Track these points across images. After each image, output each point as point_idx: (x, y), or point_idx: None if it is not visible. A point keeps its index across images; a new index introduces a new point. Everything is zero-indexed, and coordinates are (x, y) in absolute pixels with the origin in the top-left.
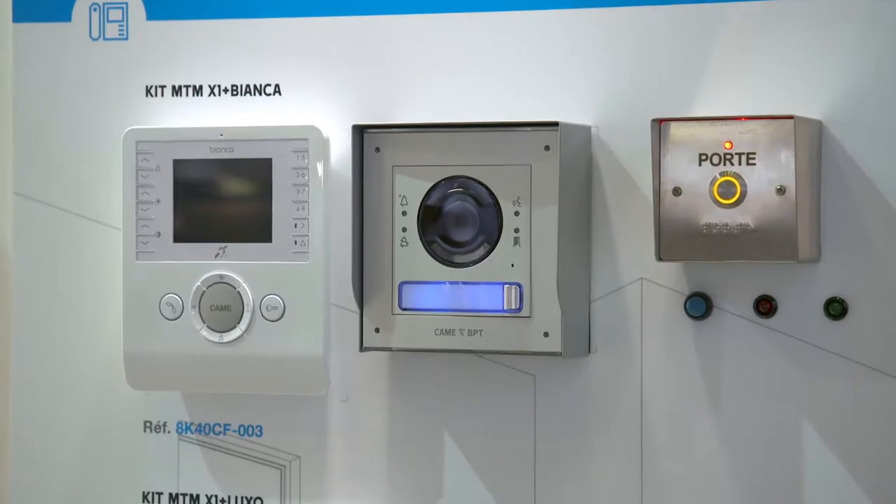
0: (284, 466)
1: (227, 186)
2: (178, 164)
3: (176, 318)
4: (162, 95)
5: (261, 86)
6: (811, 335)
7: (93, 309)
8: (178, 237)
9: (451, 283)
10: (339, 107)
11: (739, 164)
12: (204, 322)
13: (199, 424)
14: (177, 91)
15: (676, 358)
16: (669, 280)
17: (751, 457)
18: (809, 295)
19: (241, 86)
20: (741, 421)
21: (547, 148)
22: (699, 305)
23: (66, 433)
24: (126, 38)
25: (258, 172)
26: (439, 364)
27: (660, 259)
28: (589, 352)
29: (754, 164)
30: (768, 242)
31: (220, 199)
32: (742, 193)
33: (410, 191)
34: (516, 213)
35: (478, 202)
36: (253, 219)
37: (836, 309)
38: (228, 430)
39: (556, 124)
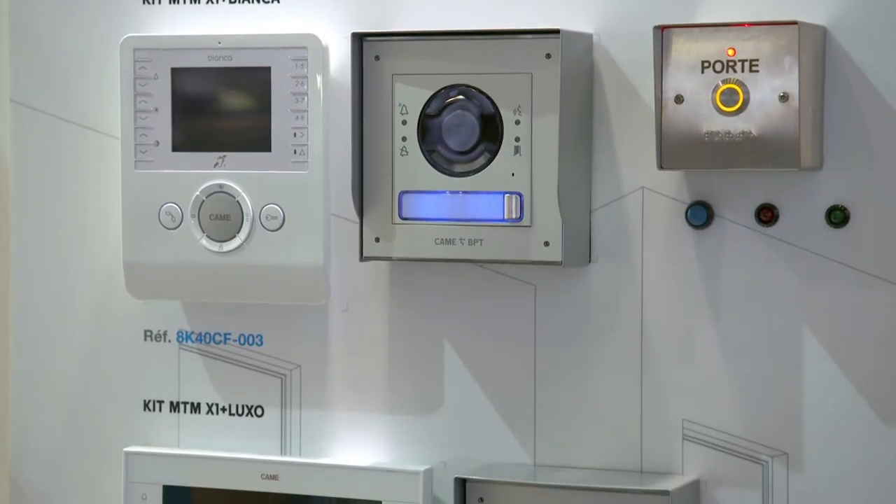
0: (285, 375)
1: (225, 95)
2: (176, 72)
3: (175, 228)
4: (160, 3)
5: None
6: (812, 243)
7: (92, 218)
8: (177, 146)
9: (451, 192)
10: (338, 15)
11: (742, 71)
12: (203, 231)
13: (200, 333)
14: None
15: (677, 267)
16: (671, 189)
17: (751, 365)
18: (811, 203)
19: None
20: (741, 329)
21: (548, 56)
22: (700, 214)
23: (66, 343)
24: None
25: (257, 81)
26: (439, 274)
27: (661, 168)
28: (589, 261)
29: (757, 72)
30: (770, 150)
31: (219, 109)
32: (744, 101)
33: (410, 100)
34: (517, 122)
35: (478, 111)
36: (252, 128)
37: (837, 217)
38: (229, 339)
39: (557, 32)
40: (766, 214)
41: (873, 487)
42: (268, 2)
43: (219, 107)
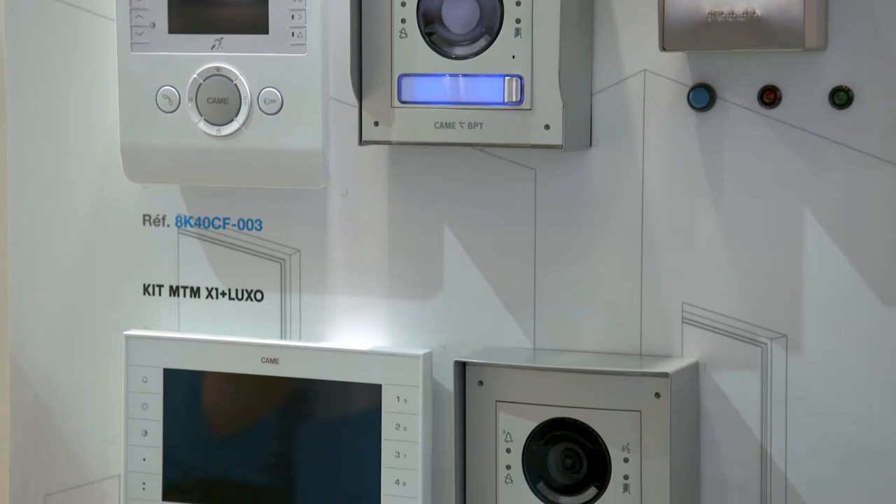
0: (284, 260)
1: None
2: None
3: (173, 111)
4: None
5: None
6: (815, 125)
7: (89, 101)
8: (174, 28)
9: (450, 75)
10: None
11: None
12: (201, 115)
13: (199, 218)
14: None
15: (679, 150)
16: (673, 71)
17: (751, 248)
18: (815, 84)
19: None
20: (743, 212)
21: None
22: (702, 96)
23: (65, 227)
24: None
25: None
26: (439, 157)
27: (663, 49)
28: (590, 145)
29: None
30: (774, 30)
31: None
32: None
33: None
34: (517, 3)
35: None
36: (249, 9)
37: (841, 98)
38: (228, 223)
39: None
40: (769, 96)
41: (872, 369)
42: None
43: None
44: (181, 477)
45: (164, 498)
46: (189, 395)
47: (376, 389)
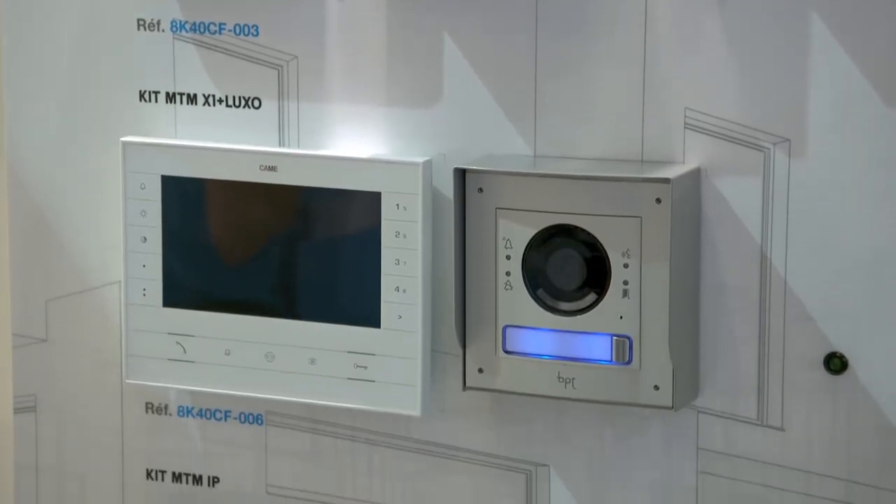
0: (282, 67)
1: None
2: None
3: None
4: None
5: None
6: None
7: None
8: None
9: None
10: None
11: None
12: None
13: (194, 23)
14: None
15: None
16: None
17: (755, 51)
18: None
19: None
20: (747, 15)
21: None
22: None
23: (58, 33)
24: None
25: None
26: None
27: None
28: None
29: None
30: None
31: None
32: None
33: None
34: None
35: None
36: None
37: None
38: (224, 29)
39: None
40: None
41: (875, 173)
42: None
43: None
44: (181, 283)
45: (165, 304)
46: (187, 203)
47: (376, 197)
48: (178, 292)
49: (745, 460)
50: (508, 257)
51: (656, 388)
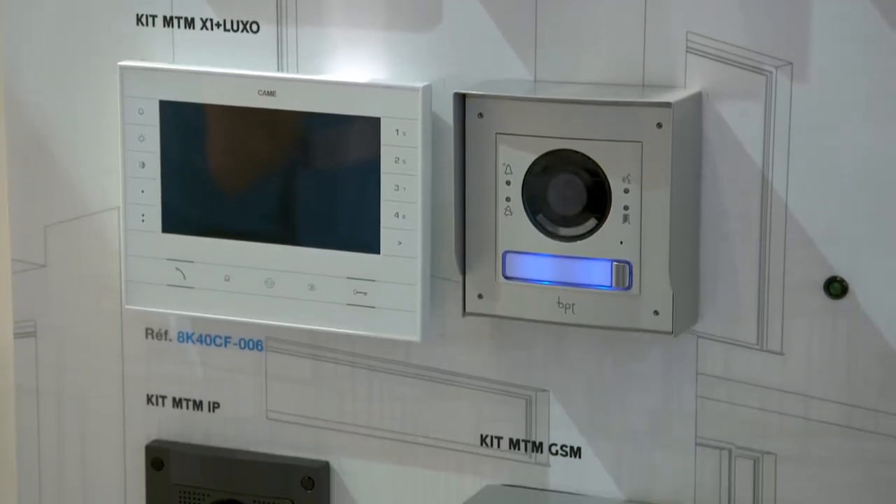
0: None
1: None
2: None
3: None
4: None
5: None
6: None
7: None
8: None
9: None
10: None
11: None
12: None
13: None
14: None
15: None
16: None
17: None
18: None
19: None
20: None
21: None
22: None
23: None
24: None
25: None
26: None
27: None
28: None
29: None
30: None
31: None
32: None
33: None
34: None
35: None
36: None
37: None
38: None
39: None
40: None
41: (878, 97)
42: None
43: None
44: (180, 209)
45: (164, 230)
46: (185, 128)
47: (375, 123)
48: (177, 218)
49: (745, 385)
50: (508, 183)
51: (656, 313)
